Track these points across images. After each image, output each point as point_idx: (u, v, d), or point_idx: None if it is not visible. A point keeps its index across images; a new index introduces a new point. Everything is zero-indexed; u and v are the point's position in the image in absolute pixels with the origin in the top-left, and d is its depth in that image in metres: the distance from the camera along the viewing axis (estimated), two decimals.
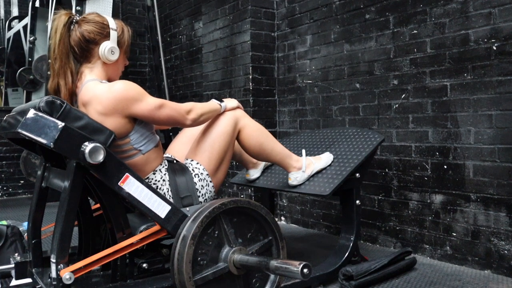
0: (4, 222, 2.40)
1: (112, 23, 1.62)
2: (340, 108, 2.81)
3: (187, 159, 1.77)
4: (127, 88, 1.50)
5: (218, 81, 3.53)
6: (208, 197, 1.72)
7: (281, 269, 1.27)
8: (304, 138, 2.43)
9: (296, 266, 1.22)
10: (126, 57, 1.71)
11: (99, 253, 1.38)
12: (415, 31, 2.38)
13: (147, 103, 1.52)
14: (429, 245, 2.33)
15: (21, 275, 1.67)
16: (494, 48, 2.05)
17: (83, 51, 1.58)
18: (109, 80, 1.64)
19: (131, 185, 1.39)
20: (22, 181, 4.62)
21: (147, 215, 1.45)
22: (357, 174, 1.98)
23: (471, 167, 2.14)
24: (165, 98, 4.19)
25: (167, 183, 1.65)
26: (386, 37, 2.53)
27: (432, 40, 2.30)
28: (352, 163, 1.96)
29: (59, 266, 1.30)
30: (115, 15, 4.19)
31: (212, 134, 1.76)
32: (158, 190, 1.60)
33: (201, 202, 1.68)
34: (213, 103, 1.76)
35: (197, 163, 1.73)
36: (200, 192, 1.69)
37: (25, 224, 2.28)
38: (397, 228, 2.48)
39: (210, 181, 1.73)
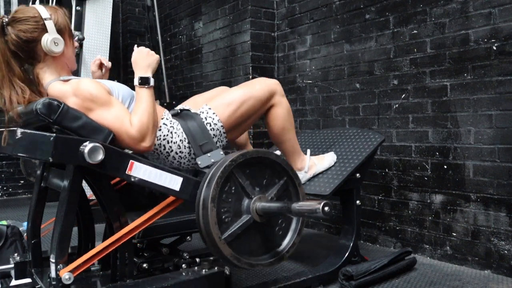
0: (4, 222, 2.40)
1: (44, 12, 1.46)
2: (340, 108, 2.81)
3: (205, 105, 1.70)
4: (89, 92, 1.40)
5: (218, 81, 3.52)
6: (220, 145, 1.68)
7: (303, 211, 1.29)
8: (305, 138, 2.43)
9: (317, 206, 1.24)
10: (73, 38, 1.57)
11: (96, 247, 1.37)
12: (415, 31, 2.38)
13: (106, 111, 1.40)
14: (429, 245, 2.32)
15: (21, 275, 1.67)
16: (494, 48, 2.05)
17: (27, 53, 1.46)
18: (68, 69, 1.56)
19: (138, 170, 1.39)
20: (22, 181, 4.62)
21: (162, 192, 1.44)
22: (358, 174, 1.98)
23: (471, 167, 2.14)
24: (165, 98, 4.19)
25: (180, 130, 1.60)
26: (386, 37, 2.53)
27: (432, 40, 2.30)
28: (352, 163, 1.95)
29: (58, 266, 1.30)
30: (115, 16, 4.19)
31: (244, 94, 1.70)
32: (171, 143, 1.58)
33: (218, 147, 1.63)
34: (140, 96, 1.49)
35: (213, 113, 1.66)
36: (213, 139, 1.64)
37: (25, 224, 2.28)
38: (397, 228, 2.48)
39: (224, 133, 1.67)
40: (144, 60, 1.53)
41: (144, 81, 1.49)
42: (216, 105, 1.69)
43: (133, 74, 1.54)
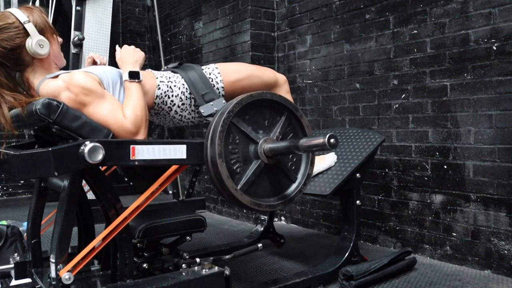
0: (4, 222, 2.40)
1: (21, 15, 1.41)
2: (340, 108, 2.81)
3: (213, 64, 1.71)
4: (83, 86, 1.38)
5: None
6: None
7: (310, 146, 1.31)
8: None
9: (324, 140, 1.26)
10: (55, 35, 1.52)
11: (93, 240, 1.36)
12: (415, 31, 2.38)
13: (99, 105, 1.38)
14: (429, 245, 2.32)
15: (21, 275, 1.67)
16: (494, 48, 2.05)
17: (14, 61, 1.43)
18: (57, 67, 1.54)
19: (142, 152, 1.37)
20: (22, 181, 4.62)
21: (170, 164, 1.44)
22: (358, 174, 1.98)
23: (471, 167, 2.14)
24: None
25: (180, 82, 1.61)
26: (386, 37, 2.53)
27: (432, 40, 2.30)
28: (352, 163, 1.96)
29: (58, 266, 1.30)
30: (115, 16, 4.19)
31: (253, 70, 1.74)
32: (173, 97, 1.60)
33: (220, 96, 1.63)
34: (131, 90, 1.48)
35: (219, 73, 1.68)
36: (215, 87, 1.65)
37: (25, 224, 2.28)
38: (397, 228, 2.48)
39: (223, 95, 1.68)
40: (131, 56, 1.54)
41: (133, 76, 1.48)
42: (223, 68, 1.71)
43: None
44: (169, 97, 1.61)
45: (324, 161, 2.02)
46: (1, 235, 2.09)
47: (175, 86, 1.62)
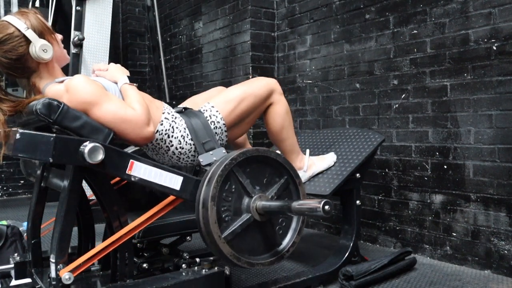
0: (4, 222, 2.40)
1: (19, 23, 1.44)
2: (340, 108, 2.81)
3: (207, 103, 1.72)
4: (82, 88, 1.40)
5: (218, 81, 3.53)
6: (221, 144, 1.69)
7: (303, 209, 1.29)
8: (305, 139, 2.42)
9: (317, 205, 1.23)
10: (53, 33, 1.54)
11: (96, 246, 1.37)
12: (415, 31, 2.38)
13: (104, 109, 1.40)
14: (429, 245, 2.32)
15: (21, 275, 1.66)
16: (494, 48, 2.05)
17: (21, 70, 1.46)
18: (60, 70, 1.56)
19: (139, 170, 1.38)
20: (22, 181, 4.62)
21: (162, 191, 1.45)
22: (358, 174, 1.98)
23: (471, 167, 2.14)
24: (165, 98, 4.19)
25: (182, 126, 1.62)
26: (386, 37, 2.53)
27: (432, 40, 2.30)
28: (352, 163, 1.96)
29: (58, 266, 1.30)
30: (115, 16, 4.19)
31: (244, 91, 1.73)
32: (172, 137, 1.59)
33: (221, 145, 1.65)
34: (132, 90, 1.54)
35: (217, 111, 1.68)
36: (216, 138, 1.66)
37: (25, 224, 2.28)
38: (397, 228, 2.48)
39: (225, 131, 1.69)
40: (120, 69, 1.62)
41: (131, 81, 1.58)
42: (217, 102, 1.71)
43: (133, 74, 1.55)
44: (168, 137, 1.60)
45: (323, 161, 2.02)
46: (1, 235, 2.09)
47: (177, 128, 1.62)
